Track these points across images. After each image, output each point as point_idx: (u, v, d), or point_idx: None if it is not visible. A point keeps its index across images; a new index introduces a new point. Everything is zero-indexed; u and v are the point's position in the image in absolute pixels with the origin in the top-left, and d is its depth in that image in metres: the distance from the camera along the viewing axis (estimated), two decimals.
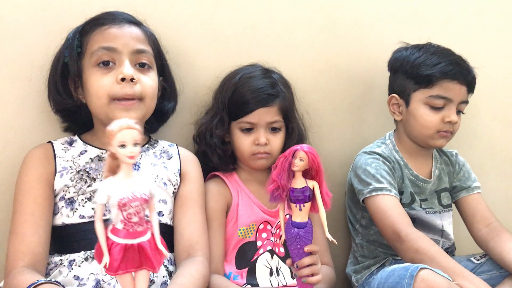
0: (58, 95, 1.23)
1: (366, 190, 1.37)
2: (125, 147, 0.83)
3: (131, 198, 0.83)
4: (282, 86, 1.36)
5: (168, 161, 1.28)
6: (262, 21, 1.49)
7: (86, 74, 1.19)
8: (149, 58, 1.22)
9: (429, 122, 1.40)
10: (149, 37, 1.25)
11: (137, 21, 1.25)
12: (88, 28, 1.21)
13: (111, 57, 1.17)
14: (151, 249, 0.86)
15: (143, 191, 0.85)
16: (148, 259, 0.85)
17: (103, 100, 1.16)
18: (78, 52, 1.19)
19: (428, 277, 1.14)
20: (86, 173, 1.19)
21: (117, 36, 1.18)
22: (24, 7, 1.28)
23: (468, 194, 1.50)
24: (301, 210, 1.08)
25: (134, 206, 0.84)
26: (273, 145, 1.34)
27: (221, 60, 1.42)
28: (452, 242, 1.50)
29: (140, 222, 0.85)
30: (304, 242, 1.09)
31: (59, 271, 1.12)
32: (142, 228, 0.85)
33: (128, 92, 1.16)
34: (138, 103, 1.18)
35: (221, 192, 1.34)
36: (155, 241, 0.87)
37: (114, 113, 1.16)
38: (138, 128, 0.84)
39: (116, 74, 1.15)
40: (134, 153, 0.83)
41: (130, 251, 0.85)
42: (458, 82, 1.38)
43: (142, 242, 0.85)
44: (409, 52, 1.43)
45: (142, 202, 0.84)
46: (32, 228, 1.12)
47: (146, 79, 1.20)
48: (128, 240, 0.85)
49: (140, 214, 0.85)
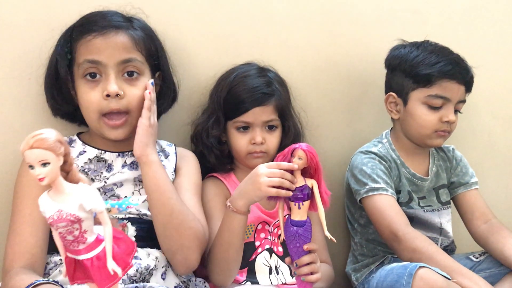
0: (54, 101, 1.24)
1: (362, 190, 1.37)
2: (33, 168, 0.75)
3: (56, 219, 0.78)
4: (277, 85, 1.36)
5: (166, 160, 1.28)
6: (260, 20, 1.49)
7: (76, 84, 1.20)
8: (137, 65, 1.20)
9: (427, 121, 1.39)
10: (138, 41, 1.21)
11: (125, 25, 1.21)
12: (75, 36, 1.20)
13: (97, 69, 1.17)
14: (95, 267, 0.80)
15: (70, 210, 0.77)
16: (93, 278, 0.80)
17: (93, 116, 1.18)
18: (69, 58, 1.19)
19: (426, 276, 1.14)
20: (85, 174, 1.19)
21: (101, 48, 1.16)
22: (23, 6, 1.28)
23: (466, 190, 1.50)
24: (300, 208, 1.08)
25: (62, 226, 0.78)
26: (269, 144, 1.34)
27: (219, 59, 1.41)
28: (451, 240, 1.50)
29: (77, 239, 0.79)
30: (303, 240, 1.09)
31: (59, 271, 1.12)
32: (84, 245, 0.80)
33: (114, 107, 1.17)
34: (125, 119, 1.18)
35: (219, 191, 1.34)
36: (105, 257, 0.80)
37: (103, 129, 1.18)
38: (46, 146, 0.74)
39: (103, 89, 1.16)
40: (41, 175, 0.74)
41: (81, 264, 0.81)
42: (457, 81, 1.38)
43: (84, 259, 0.80)
44: (407, 50, 1.42)
45: (69, 223, 0.78)
46: (31, 228, 1.12)
47: (133, 91, 1.19)
48: (73, 255, 0.81)
49: (74, 234, 0.79)
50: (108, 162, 1.22)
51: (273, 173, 1.07)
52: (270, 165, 1.08)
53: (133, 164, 1.23)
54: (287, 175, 1.06)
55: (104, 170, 1.21)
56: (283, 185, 1.06)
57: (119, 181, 1.20)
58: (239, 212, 1.13)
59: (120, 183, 1.21)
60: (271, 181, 1.06)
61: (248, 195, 1.11)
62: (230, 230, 1.16)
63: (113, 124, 1.18)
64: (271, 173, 1.07)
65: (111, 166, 1.22)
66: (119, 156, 1.23)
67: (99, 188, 1.18)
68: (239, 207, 1.13)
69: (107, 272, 0.80)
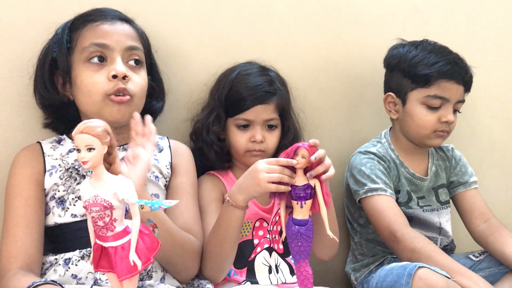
0: (45, 90, 1.21)
1: (361, 190, 1.38)
2: (80, 151, 0.80)
3: (91, 202, 0.82)
4: (279, 84, 1.36)
5: (159, 154, 1.27)
6: (260, 19, 1.49)
7: (76, 71, 1.17)
8: (140, 55, 1.21)
9: (426, 122, 1.40)
10: (141, 35, 1.25)
11: (128, 19, 1.25)
12: (78, 24, 1.19)
13: (103, 53, 1.16)
14: (118, 257, 0.83)
15: (105, 196, 0.82)
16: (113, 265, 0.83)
17: (96, 98, 1.15)
18: (68, 47, 1.18)
19: (426, 276, 1.14)
20: (76, 170, 1.18)
21: (109, 32, 1.17)
22: (22, 6, 1.27)
23: (466, 190, 1.50)
24: (302, 207, 1.08)
25: (95, 211, 0.82)
26: (268, 143, 1.34)
27: (218, 57, 1.42)
28: (451, 239, 1.50)
29: (107, 226, 0.83)
30: (305, 239, 1.08)
31: (54, 270, 1.11)
32: (112, 233, 0.83)
33: (121, 86, 1.15)
34: (130, 100, 1.17)
35: (216, 187, 1.34)
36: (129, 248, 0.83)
37: (106, 108, 1.15)
38: (94, 133, 0.80)
39: (108, 71, 1.14)
40: (86, 158, 0.80)
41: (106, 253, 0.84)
42: (456, 82, 1.39)
43: (110, 247, 0.83)
44: (406, 49, 1.42)
45: (102, 208, 0.82)
46: (25, 229, 1.12)
47: (137, 78, 1.19)
48: (100, 242, 0.84)
49: (104, 220, 0.82)
50: None
51: (272, 169, 1.07)
52: (269, 161, 1.09)
53: None
54: (286, 171, 1.07)
55: None
56: (283, 181, 1.06)
57: None
58: (238, 207, 1.13)
59: None
60: (270, 177, 1.06)
61: (248, 191, 1.11)
62: (227, 225, 1.16)
63: (120, 100, 1.15)
64: (270, 169, 1.07)
65: None
66: None
67: None
68: (238, 202, 1.13)
69: (128, 263, 0.82)
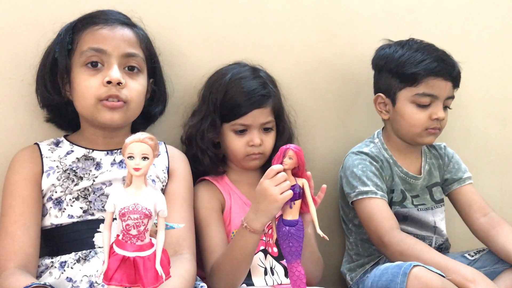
0: (45, 90, 1.23)
1: (352, 193, 1.38)
2: (133, 159, 0.84)
3: (131, 210, 0.84)
4: (271, 85, 1.36)
5: (156, 158, 1.27)
6: (254, 20, 1.50)
7: (74, 73, 1.19)
8: (138, 61, 1.22)
9: (416, 120, 1.40)
10: (142, 39, 1.25)
11: (131, 23, 1.25)
12: (80, 26, 1.21)
13: (100, 58, 1.17)
14: (146, 267, 0.85)
15: (146, 205, 0.85)
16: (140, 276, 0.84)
17: (88, 101, 1.17)
18: (69, 49, 1.19)
19: (421, 274, 1.14)
20: (73, 172, 1.19)
21: (108, 38, 1.18)
22: (16, 8, 1.28)
23: (461, 186, 1.49)
24: (292, 208, 1.09)
25: (134, 218, 0.84)
26: (266, 145, 1.34)
27: (212, 60, 1.41)
28: (446, 238, 1.50)
29: (139, 236, 0.85)
30: (295, 240, 1.09)
31: (49, 273, 1.12)
32: (142, 242, 0.85)
33: (114, 93, 1.16)
34: (123, 105, 1.18)
35: (213, 194, 1.34)
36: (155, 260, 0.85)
37: (99, 113, 1.17)
38: (151, 144, 0.84)
39: (103, 76, 1.16)
40: (140, 165, 0.84)
41: (127, 264, 0.85)
42: (443, 78, 1.39)
43: (137, 257, 0.84)
44: (392, 49, 1.43)
45: (143, 216, 0.84)
46: (22, 228, 1.12)
47: (133, 84, 1.20)
48: (125, 252, 0.85)
49: (139, 228, 0.84)
50: (97, 161, 1.22)
51: (278, 180, 1.08)
52: (268, 175, 1.10)
53: (122, 162, 1.23)
54: (285, 176, 1.08)
55: (92, 168, 1.21)
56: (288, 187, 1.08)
57: (108, 179, 1.20)
58: (256, 232, 1.15)
59: (109, 182, 1.20)
60: (281, 188, 1.08)
61: (267, 211, 1.11)
62: (244, 248, 1.17)
63: (112, 105, 1.16)
64: (276, 180, 1.08)
65: (100, 164, 1.22)
66: (107, 154, 1.24)
67: (87, 187, 1.18)
68: (257, 228, 1.14)
69: (155, 273, 0.85)
